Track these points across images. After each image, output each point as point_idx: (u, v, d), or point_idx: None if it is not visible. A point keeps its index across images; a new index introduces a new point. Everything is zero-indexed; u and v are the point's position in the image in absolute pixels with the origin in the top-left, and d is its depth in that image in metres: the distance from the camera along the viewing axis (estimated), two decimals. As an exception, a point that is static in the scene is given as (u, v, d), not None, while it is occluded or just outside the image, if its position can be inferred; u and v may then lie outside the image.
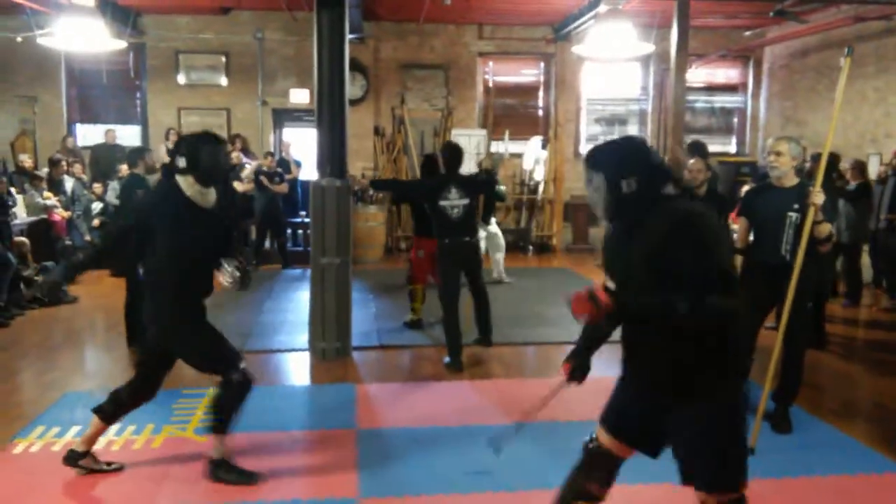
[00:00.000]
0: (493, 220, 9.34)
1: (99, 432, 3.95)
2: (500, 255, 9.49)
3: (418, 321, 7.05)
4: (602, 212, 2.54)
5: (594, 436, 2.72)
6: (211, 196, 3.79)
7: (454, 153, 5.96)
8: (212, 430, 3.85)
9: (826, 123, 11.19)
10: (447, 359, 5.88)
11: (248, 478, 3.84)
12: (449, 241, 5.79)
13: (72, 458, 3.90)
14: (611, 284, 2.56)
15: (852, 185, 7.91)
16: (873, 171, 9.40)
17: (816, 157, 7.57)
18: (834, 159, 7.45)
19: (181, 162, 3.67)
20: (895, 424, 4.45)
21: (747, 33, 12.60)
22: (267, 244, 10.97)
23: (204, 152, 3.69)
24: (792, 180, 4.43)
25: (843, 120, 10.84)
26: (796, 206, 4.32)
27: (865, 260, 9.01)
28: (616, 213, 2.52)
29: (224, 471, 3.83)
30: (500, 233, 9.49)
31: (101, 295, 8.49)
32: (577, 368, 2.81)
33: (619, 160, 2.50)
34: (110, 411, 3.90)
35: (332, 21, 5.95)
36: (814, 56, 11.60)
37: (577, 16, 10.93)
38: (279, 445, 4.32)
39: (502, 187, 9.21)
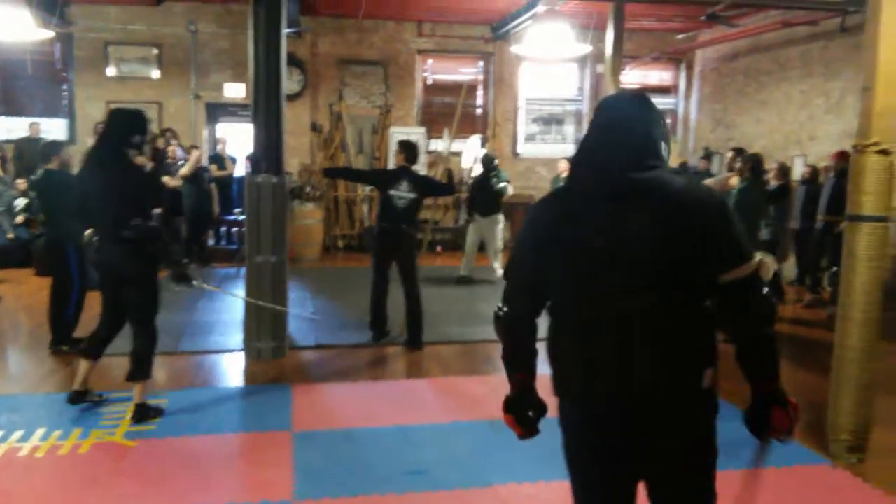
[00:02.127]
0: (492, 216, 9.50)
1: (90, 369, 4.75)
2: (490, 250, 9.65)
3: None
4: None
5: None
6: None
7: (410, 150, 6.47)
8: (139, 378, 4.55)
9: (753, 126, 11.56)
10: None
11: (158, 412, 4.63)
12: (386, 225, 6.27)
13: (76, 398, 4.70)
14: None
15: (773, 185, 8.14)
16: (798, 172, 9.75)
17: (740, 151, 7.85)
18: (759, 160, 7.68)
19: (137, 139, 4.41)
20: (818, 417, 4.59)
21: (680, 36, 12.89)
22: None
23: (146, 129, 4.57)
24: None
25: (769, 122, 11.20)
26: None
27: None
28: None
29: (147, 411, 4.57)
30: (490, 229, 9.56)
31: (24, 294, 8.18)
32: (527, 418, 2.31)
33: None
34: (94, 351, 4.73)
35: (269, 14, 5.84)
36: (743, 60, 11.95)
37: (515, 15, 11.01)
38: (213, 448, 4.23)
39: (502, 184, 9.32)
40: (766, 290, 2.04)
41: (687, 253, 1.95)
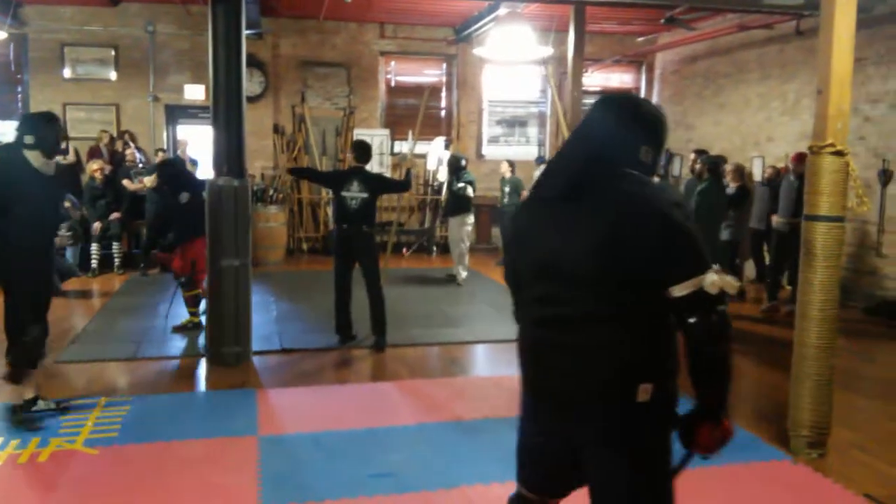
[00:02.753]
0: (458, 217, 9.51)
1: (30, 381, 4.59)
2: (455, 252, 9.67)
3: (199, 323, 6.87)
4: None
5: (519, 494, 2.35)
6: (52, 166, 4.49)
7: (360, 150, 6.52)
8: (11, 380, 4.47)
9: (712, 128, 11.75)
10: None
11: (58, 408, 4.61)
12: (346, 226, 6.32)
13: (25, 406, 4.54)
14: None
15: (732, 187, 8.20)
16: (758, 173, 9.93)
17: (701, 153, 7.89)
18: (722, 162, 7.78)
19: (28, 139, 4.33)
20: (779, 414, 4.68)
21: (640, 39, 13.04)
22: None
23: (48, 130, 4.41)
24: None
25: (728, 124, 11.40)
26: None
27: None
28: None
29: (23, 411, 4.49)
30: (457, 230, 9.59)
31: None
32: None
33: None
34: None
35: (228, 15, 5.78)
36: (701, 62, 12.14)
37: (477, 18, 11.04)
38: (176, 454, 4.16)
39: (460, 184, 9.33)
40: (722, 307, 1.94)
41: (623, 261, 1.92)
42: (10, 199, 4.27)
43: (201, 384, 5.59)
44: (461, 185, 9.40)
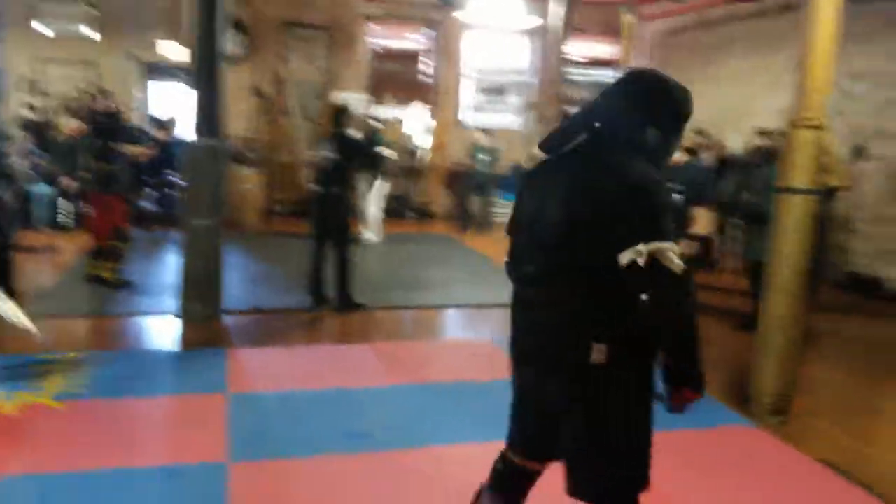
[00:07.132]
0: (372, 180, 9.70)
1: None
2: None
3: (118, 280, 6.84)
4: None
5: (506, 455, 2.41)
6: None
7: (336, 114, 6.54)
8: None
9: (698, 101, 11.66)
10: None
11: None
12: (318, 187, 6.42)
13: None
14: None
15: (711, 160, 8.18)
16: (737, 148, 9.96)
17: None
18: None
19: None
20: (741, 381, 4.73)
21: (624, 10, 12.93)
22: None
23: None
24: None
25: (711, 97, 11.37)
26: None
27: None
28: None
29: None
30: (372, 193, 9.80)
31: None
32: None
33: None
34: None
35: (207, -28, 5.65)
36: (688, 35, 12.08)
37: (463, -18, 10.92)
38: (145, 410, 4.16)
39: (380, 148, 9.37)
40: (675, 288, 1.95)
41: (585, 216, 2.01)
42: None
43: (171, 342, 5.56)
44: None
